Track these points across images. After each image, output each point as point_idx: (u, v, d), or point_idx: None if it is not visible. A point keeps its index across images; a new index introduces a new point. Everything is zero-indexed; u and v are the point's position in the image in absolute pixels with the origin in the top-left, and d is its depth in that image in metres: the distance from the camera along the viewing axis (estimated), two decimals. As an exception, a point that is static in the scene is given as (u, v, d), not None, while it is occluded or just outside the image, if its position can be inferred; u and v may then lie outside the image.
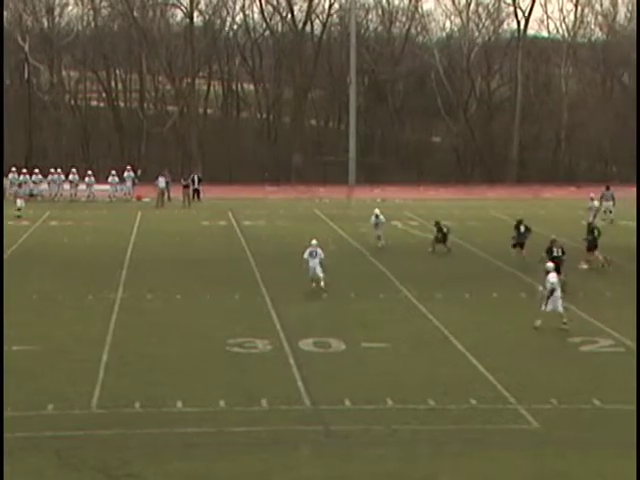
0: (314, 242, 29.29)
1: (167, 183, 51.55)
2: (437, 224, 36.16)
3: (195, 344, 22.69)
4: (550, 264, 25.09)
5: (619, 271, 31.92)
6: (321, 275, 28.74)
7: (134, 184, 53.82)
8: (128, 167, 54.50)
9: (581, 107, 72.94)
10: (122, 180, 53.77)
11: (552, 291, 24.07)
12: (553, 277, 24.26)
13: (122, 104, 75.95)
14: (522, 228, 34.34)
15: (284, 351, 22.20)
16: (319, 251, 28.98)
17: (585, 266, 32.47)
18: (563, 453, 16.14)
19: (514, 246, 34.05)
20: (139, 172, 54.83)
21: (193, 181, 52.39)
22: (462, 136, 73.78)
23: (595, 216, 42.10)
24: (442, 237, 35.84)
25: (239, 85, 78.96)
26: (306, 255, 28.93)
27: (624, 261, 33.33)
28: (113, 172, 53.72)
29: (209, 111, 78.47)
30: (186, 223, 44.30)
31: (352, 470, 15.44)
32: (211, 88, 77.77)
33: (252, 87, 77.86)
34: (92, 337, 23.05)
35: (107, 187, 53.60)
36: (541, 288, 24.88)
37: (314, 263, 28.76)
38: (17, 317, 24.67)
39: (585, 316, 25.86)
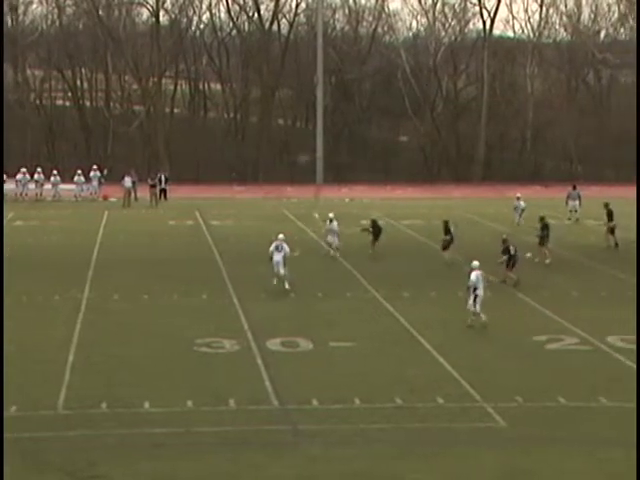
0: (281, 236, 29.05)
1: (134, 183, 51.27)
2: (373, 222, 35.55)
3: (162, 344, 22.61)
4: (475, 262, 24.60)
5: (583, 269, 32.18)
6: (283, 273, 28.37)
7: (100, 183, 53.53)
8: (94, 167, 54.18)
9: (546, 107, 73.43)
10: (88, 179, 53.47)
11: (474, 289, 24.03)
12: (472, 276, 24.12)
13: (88, 103, 75.51)
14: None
15: (252, 351, 22.18)
16: (285, 246, 28.63)
17: (529, 254, 32.65)
18: (529, 451, 16.24)
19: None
20: (105, 172, 54.53)
21: (160, 181, 52.16)
22: (429, 135, 74.02)
23: (520, 216, 42.00)
24: (375, 234, 34.77)
25: (206, 84, 78.75)
26: (272, 248, 28.70)
27: (587, 259, 33.61)
28: (79, 171, 53.39)
29: (176, 110, 78.21)
30: (153, 223, 44.13)
31: (320, 470, 15.46)
32: (178, 87, 77.49)
33: (219, 86, 77.68)
34: (58, 337, 22.92)
35: (73, 187, 53.27)
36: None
37: (279, 257, 28.45)
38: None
39: (550, 314, 26.04)
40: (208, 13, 76.17)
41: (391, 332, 24.03)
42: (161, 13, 71.98)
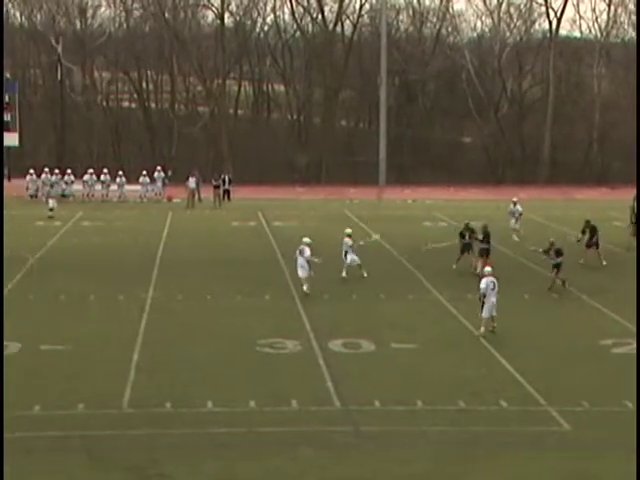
0: (306, 240, 29.03)
1: (197, 184, 51.63)
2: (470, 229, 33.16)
3: (225, 344, 22.75)
4: (487, 268, 24.32)
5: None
6: (302, 276, 28.20)
7: (164, 184, 54.00)
8: (158, 167, 54.68)
9: (613, 108, 72.44)
10: (153, 180, 53.99)
11: (484, 297, 23.50)
12: (482, 283, 23.61)
13: (153, 105, 76.38)
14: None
15: (314, 352, 22.21)
16: (306, 249, 28.48)
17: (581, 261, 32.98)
18: (594, 455, 16.06)
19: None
20: (169, 172, 54.99)
21: (224, 181, 52.46)
22: (493, 136, 73.51)
23: (517, 220, 39.87)
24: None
25: (270, 86, 79.15)
26: (297, 253, 28.68)
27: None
28: (144, 172, 53.94)
29: (240, 112, 78.71)
30: (216, 224, 44.41)
31: (381, 471, 15.43)
32: (242, 89, 77.96)
33: (282, 88, 78.01)
34: (123, 337, 23.16)
35: (138, 187, 53.83)
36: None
37: (301, 261, 28.36)
38: (46, 317, 24.91)
39: (617, 317, 25.68)
40: (272, 15, 76.71)
41: (454, 334, 23.89)
42: (226, 15, 72.70)
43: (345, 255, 30.85)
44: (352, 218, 46.64)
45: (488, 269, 24.25)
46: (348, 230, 31.74)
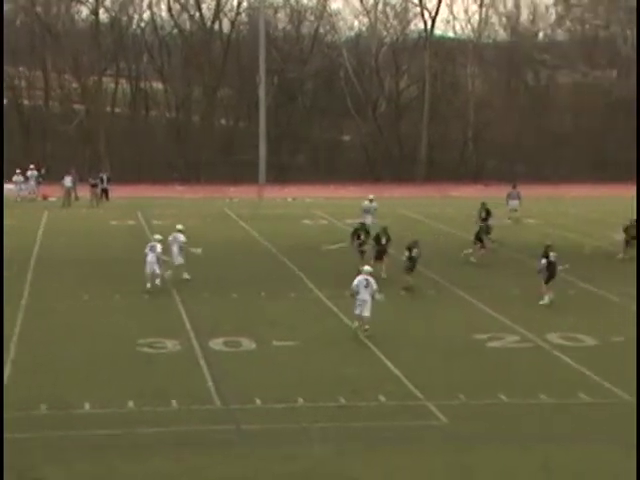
0: (157, 236, 29.12)
1: (74, 182, 50.79)
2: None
3: (104, 344, 22.40)
4: (366, 267, 24.34)
5: (524, 268, 32.47)
6: (149, 272, 28.20)
7: (39, 183, 52.94)
8: (31, 166, 53.54)
9: (487, 107, 74.11)
10: (27, 179, 52.82)
11: (354, 295, 23.47)
12: (355, 280, 23.66)
13: (26, 102, 74.50)
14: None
15: (194, 351, 22.07)
16: (157, 246, 28.50)
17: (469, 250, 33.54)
18: (470, 448, 16.38)
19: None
20: (43, 171, 53.90)
21: (101, 180, 51.72)
22: (371, 135, 74.31)
23: (374, 217, 39.41)
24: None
25: (147, 83, 78.18)
26: (146, 249, 28.60)
27: (527, 258, 33.91)
28: (18, 171, 52.70)
29: (117, 109, 77.49)
30: (94, 223, 43.69)
31: (263, 469, 15.42)
32: (119, 86, 76.83)
33: (161, 85, 77.15)
34: (-3, 339, 22.55)
35: (11, 186, 52.56)
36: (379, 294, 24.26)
37: (151, 258, 28.29)
38: None
39: (492, 312, 26.29)
40: (149, 11, 75.71)
41: (335, 332, 24.04)
42: (101, 11, 71.44)
43: (177, 252, 29.68)
44: (232, 217, 46.55)
45: (366, 268, 24.40)
46: (179, 226, 30.87)
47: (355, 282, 23.71)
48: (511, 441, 16.75)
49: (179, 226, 29.61)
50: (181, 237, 29.45)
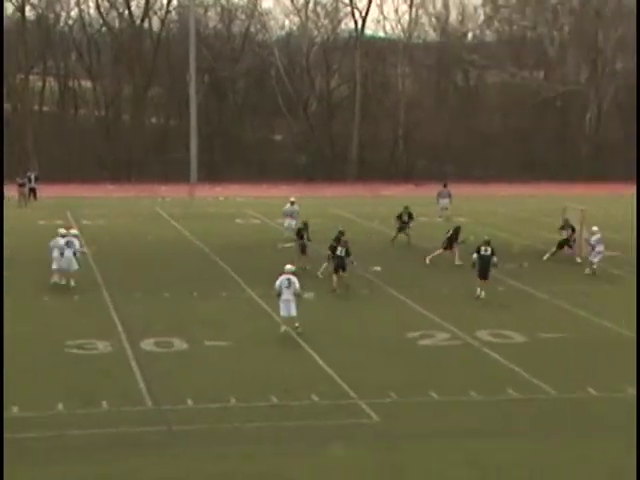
0: (73, 231, 29.40)
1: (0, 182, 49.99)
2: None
3: (32, 346, 22.11)
4: (288, 266, 24.04)
5: (453, 267, 32.81)
6: (61, 268, 28.37)
7: (-39, 183, 52.05)
8: (-47, 166, 52.67)
9: (417, 107, 74.67)
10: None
11: (279, 295, 23.46)
12: (278, 280, 23.56)
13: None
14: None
15: (125, 352, 21.91)
16: (75, 241, 28.80)
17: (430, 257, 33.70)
18: (400, 446, 16.52)
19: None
20: (-34, 171, 53.01)
21: (29, 180, 50.99)
22: (303, 134, 74.39)
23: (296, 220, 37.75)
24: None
25: (76, 82, 77.25)
26: (60, 242, 28.66)
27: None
28: (-60, 171, 51.79)
29: (45, 108, 76.42)
30: (21, 223, 43.04)
31: (195, 470, 15.38)
32: (46, 84, 75.79)
33: (90, 84, 76.28)
34: None
35: None
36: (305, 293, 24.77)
37: (68, 253, 28.40)
38: None
39: (422, 311, 26.52)
40: (77, 9, 74.82)
41: (267, 332, 24.03)
42: (27, 8, 70.34)
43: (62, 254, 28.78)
44: (164, 216, 46.26)
45: (288, 267, 24.23)
46: (68, 230, 30.68)
47: (277, 282, 23.69)
48: (440, 438, 16.94)
49: (73, 231, 29.44)
50: (76, 243, 29.11)
